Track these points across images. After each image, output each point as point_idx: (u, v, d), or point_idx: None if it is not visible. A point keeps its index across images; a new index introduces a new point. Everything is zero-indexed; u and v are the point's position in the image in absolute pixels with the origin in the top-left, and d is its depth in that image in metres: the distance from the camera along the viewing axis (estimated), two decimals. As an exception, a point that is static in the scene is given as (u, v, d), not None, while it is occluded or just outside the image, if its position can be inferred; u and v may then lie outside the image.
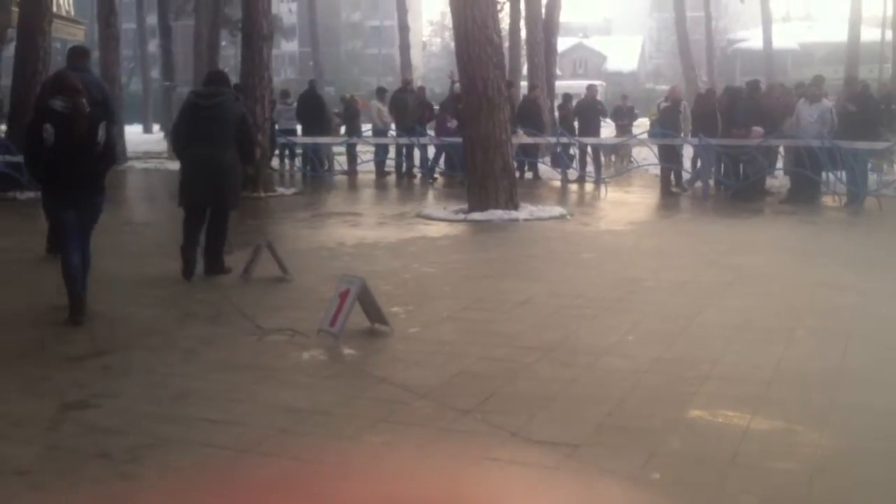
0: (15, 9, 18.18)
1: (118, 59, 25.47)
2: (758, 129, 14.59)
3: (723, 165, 15.78)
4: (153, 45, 46.37)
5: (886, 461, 4.00)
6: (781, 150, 16.02)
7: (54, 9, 17.42)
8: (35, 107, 7.72)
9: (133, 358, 5.71)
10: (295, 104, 20.60)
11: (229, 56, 46.16)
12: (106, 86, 10.57)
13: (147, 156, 25.76)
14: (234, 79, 14.79)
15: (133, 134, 31.73)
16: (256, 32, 15.83)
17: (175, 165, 23.21)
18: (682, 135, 16.52)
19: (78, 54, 9.52)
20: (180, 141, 8.34)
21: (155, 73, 47.32)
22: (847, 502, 3.63)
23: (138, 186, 19.92)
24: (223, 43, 34.16)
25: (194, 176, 8.18)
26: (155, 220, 13.76)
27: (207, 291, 7.74)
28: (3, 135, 16.64)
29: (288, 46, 70.52)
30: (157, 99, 42.18)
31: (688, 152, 17.36)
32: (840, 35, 32.55)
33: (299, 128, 20.25)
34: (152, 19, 41.85)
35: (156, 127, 40.92)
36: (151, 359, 5.66)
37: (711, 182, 15.89)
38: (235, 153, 8.19)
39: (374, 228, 11.41)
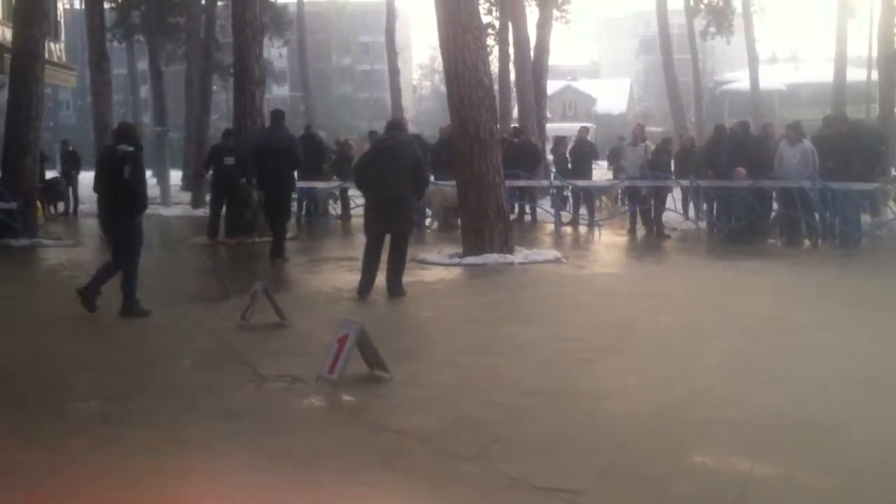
0: (7, 55, 18.28)
1: (110, 104, 25.62)
2: (740, 171, 14.69)
3: (715, 207, 15.88)
4: (145, 91, 46.67)
5: (891, 502, 3.99)
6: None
7: (46, 55, 17.48)
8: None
9: (132, 406, 5.67)
10: None
11: (220, 101, 46.38)
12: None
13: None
14: (225, 123, 14.89)
15: (125, 179, 31.72)
16: (248, 78, 15.96)
17: (168, 212, 23.30)
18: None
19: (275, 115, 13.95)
20: (365, 178, 9.73)
21: (147, 118, 47.53)
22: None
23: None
24: (214, 88, 34.38)
25: (379, 208, 9.56)
26: (151, 266, 13.72)
27: (205, 338, 7.72)
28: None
29: (279, 90, 70.94)
30: (148, 144, 42.25)
31: (676, 194, 17.50)
32: (826, 75, 32.94)
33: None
34: (143, 64, 42.06)
35: (149, 172, 40.94)
36: (151, 406, 5.62)
37: (703, 224, 15.98)
38: (410, 187, 9.59)
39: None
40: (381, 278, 9.56)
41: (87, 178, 23.95)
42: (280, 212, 13.51)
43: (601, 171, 22.27)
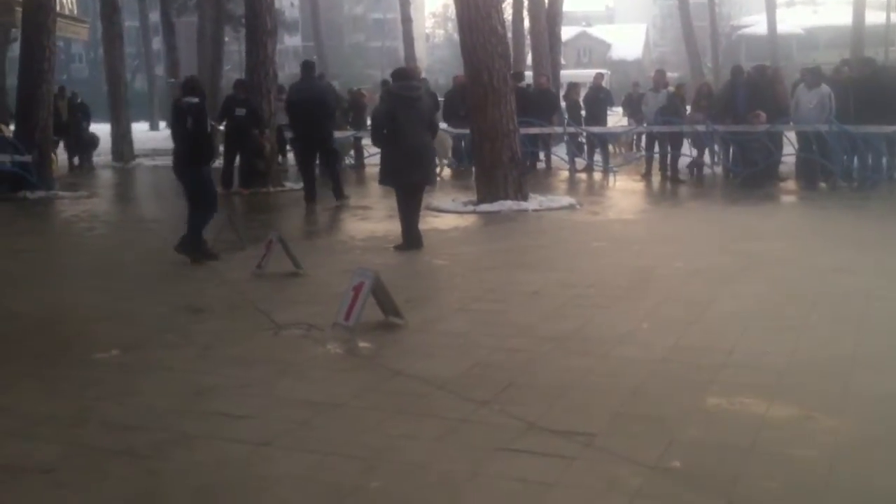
0: (18, 8, 18.20)
1: (122, 56, 25.54)
2: (760, 115, 14.58)
3: (731, 152, 15.77)
4: (157, 42, 46.48)
5: (905, 445, 4.01)
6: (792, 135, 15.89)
7: (57, 7, 17.40)
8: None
9: (151, 355, 5.73)
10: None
11: (233, 52, 46.09)
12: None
13: (154, 153, 25.79)
14: (237, 74, 14.87)
15: (139, 132, 31.76)
16: (260, 28, 15.84)
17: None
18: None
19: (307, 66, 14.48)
20: (388, 130, 9.29)
21: (159, 69, 47.38)
22: (868, 489, 3.63)
23: (147, 184, 19.98)
24: (226, 39, 34.21)
25: (406, 158, 9.23)
26: (164, 217, 13.79)
27: (221, 287, 7.77)
28: (11, 134, 16.64)
29: (291, 41, 70.37)
30: (162, 96, 42.29)
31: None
32: (845, 18, 32.49)
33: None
34: (155, 16, 41.88)
35: (162, 124, 40.97)
36: (169, 355, 5.69)
37: (719, 169, 15.89)
38: (429, 136, 9.52)
39: (384, 221, 11.40)
40: (395, 227, 9.54)
41: (99, 129, 24.07)
42: (330, 158, 14.21)
43: (616, 118, 22.10)
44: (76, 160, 22.50)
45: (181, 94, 9.18)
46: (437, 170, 17.57)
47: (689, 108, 17.45)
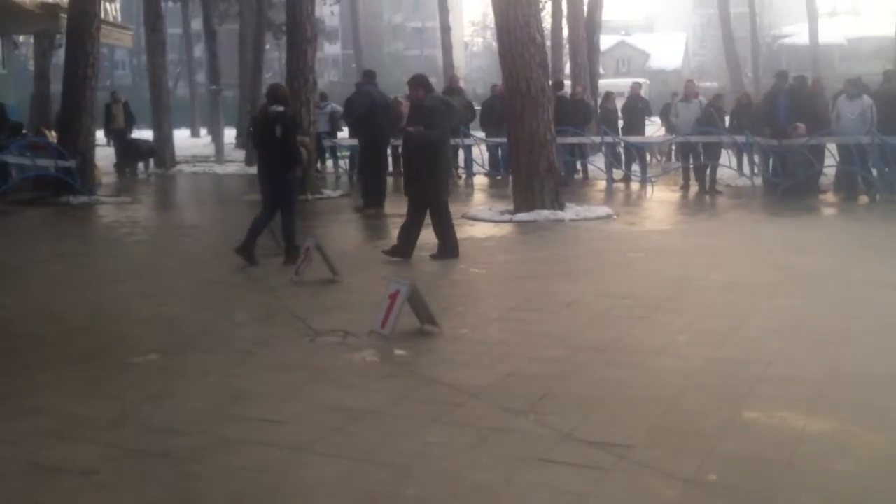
0: (63, 15, 18.50)
1: (165, 63, 25.89)
2: (801, 127, 14.43)
3: (771, 163, 15.62)
4: (199, 50, 46.95)
5: (946, 462, 3.95)
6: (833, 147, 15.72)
7: (102, 15, 17.66)
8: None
9: (189, 359, 5.80)
10: (329, 107, 20.73)
11: (273, 59, 46.60)
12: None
13: (195, 159, 26.08)
14: (278, 81, 14.99)
15: (181, 138, 32.14)
16: (300, 36, 15.98)
17: (222, 169, 23.56)
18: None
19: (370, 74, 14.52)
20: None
21: (201, 76, 47.90)
22: (907, 504, 3.60)
23: (187, 190, 20.19)
24: (267, 46, 34.47)
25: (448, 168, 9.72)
26: (204, 223, 13.94)
27: (259, 293, 7.84)
28: (55, 140, 16.92)
29: (331, 49, 70.81)
30: (203, 103, 42.71)
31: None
32: (887, 29, 32.08)
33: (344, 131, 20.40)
34: (198, 24, 42.31)
35: (203, 131, 41.39)
36: (207, 360, 5.75)
37: (759, 181, 15.74)
38: None
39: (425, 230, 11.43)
40: (432, 235, 9.54)
41: (141, 135, 24.34)
42: (382, 165, 14.55)
43: (654, 128, 21.99)
44: (141, 167, 22.54)
45: (267, 102, 9.42)
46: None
47: (727, 118, 17.31)
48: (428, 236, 9.44)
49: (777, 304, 7.01)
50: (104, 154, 22.31)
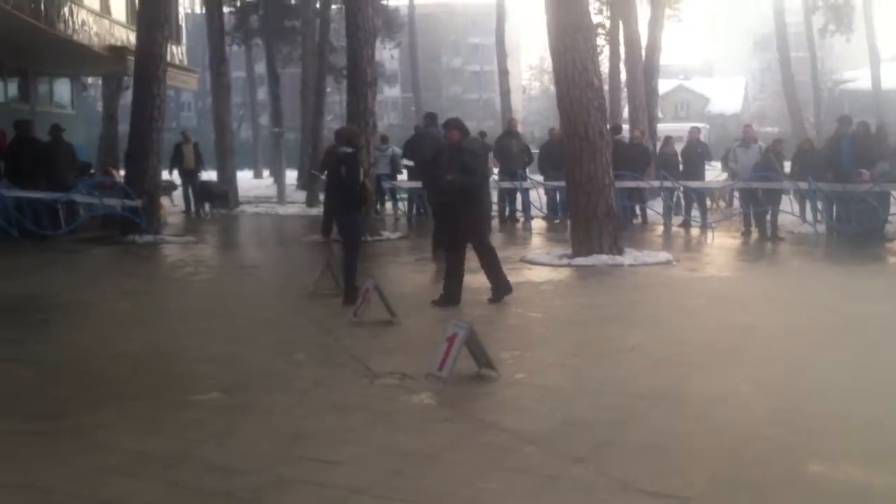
0: (130, 57, 19.03)
1: (229, 106, 26.46)
2: (865, 173, 14.23)
3: (835, 210, 15.41)
4: (262, 93, 47.92)
5: None
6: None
7: (168, 58, 18.14)
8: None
9: (250, 399, 5.87)
10: (391, 150, 20.94)
11: (334, 102, 47.29)
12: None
13: (258, 200, 26.50)
14: (339, 124, 15.19)
15: (244, 179, 32.69)
16: (361, 79, 16.22)
17: (283, 210, 23.86)
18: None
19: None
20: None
21: (264, 119, 48.80)
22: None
23: (250, 230, 20.50)
24: (328, 89, 35.10)
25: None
26: (266, 263, 14.13)
27: (319, 334, 7.91)
28: (122, 180, 17.33)
29: (391, 92, 71.81)
30: (266, 144, 43.49)
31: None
32: (954, 74, 31.53)
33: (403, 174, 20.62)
34: (261, 67, 43.22)
35: (265, 172, 42.05)
36: (268, 399, 5.82)
37: (823, 227, 15.51)
38: None
39: (479, 273, 11.41)
40: (483, 279, 9.53)
41: (205, 177, 24.80)
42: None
43: (715, 173, 21.83)
44: (206, 208, 22.55)
45: (336, 143, 9.79)
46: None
47: (787, 163, 17.13)
48: (482, 279, 9.46)
49: (842, 353, 6.88)
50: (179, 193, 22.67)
